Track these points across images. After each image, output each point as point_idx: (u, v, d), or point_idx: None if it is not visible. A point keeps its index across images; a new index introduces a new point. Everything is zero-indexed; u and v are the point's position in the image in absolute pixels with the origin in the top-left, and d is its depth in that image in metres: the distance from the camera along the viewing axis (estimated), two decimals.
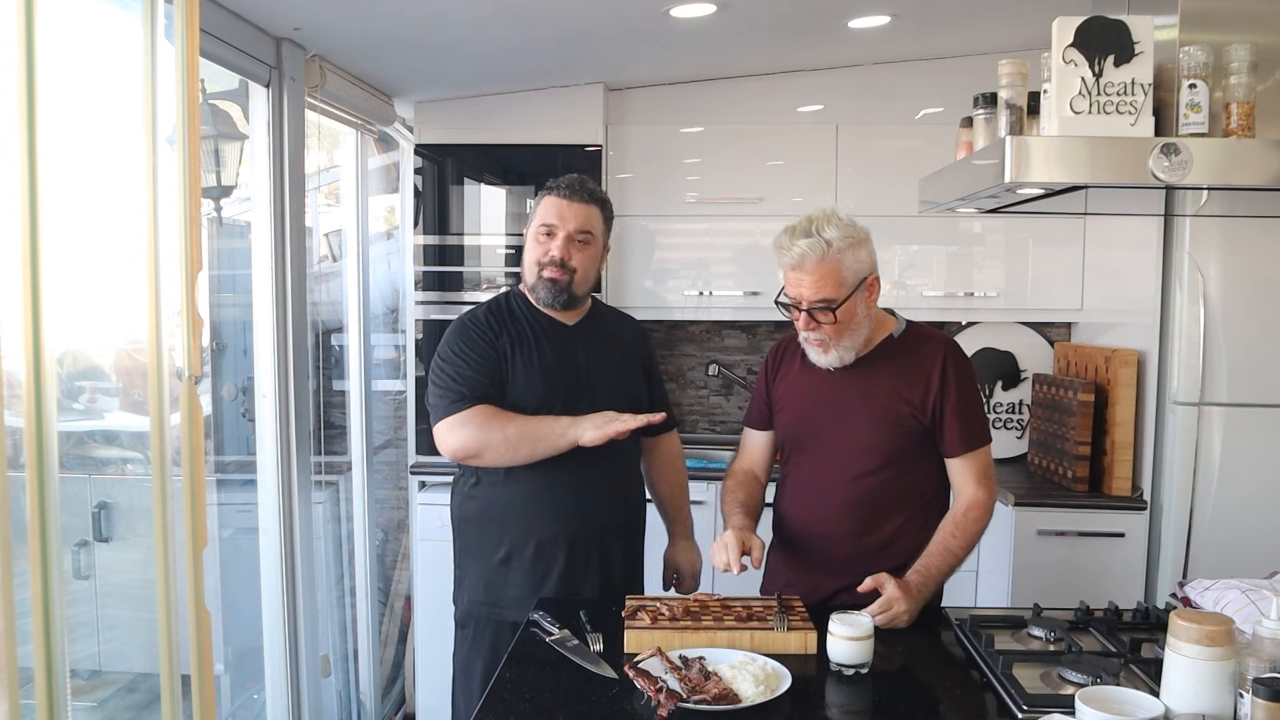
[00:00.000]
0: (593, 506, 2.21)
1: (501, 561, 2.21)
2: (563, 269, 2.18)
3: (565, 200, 2.20)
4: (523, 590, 2.19)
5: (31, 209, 1.31)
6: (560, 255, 2.17)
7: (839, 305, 1.98)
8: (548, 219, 2.20)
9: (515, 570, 2.20)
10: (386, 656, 3.83)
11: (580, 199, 2.20)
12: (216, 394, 3.12)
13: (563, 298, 2.20)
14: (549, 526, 2.18)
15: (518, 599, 2.18)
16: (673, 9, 2.70)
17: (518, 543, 2.19)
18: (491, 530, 2.22)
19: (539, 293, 2.21)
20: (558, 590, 2.18)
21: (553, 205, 2.20)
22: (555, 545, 2.19)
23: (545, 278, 2.19)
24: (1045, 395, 3.45)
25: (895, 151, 3.54)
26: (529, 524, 2.19)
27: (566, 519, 2.19)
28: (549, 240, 2.19)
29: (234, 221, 3.03)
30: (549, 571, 2.19)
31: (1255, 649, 1.42)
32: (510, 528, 2.20)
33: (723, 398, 4.08)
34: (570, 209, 2.19)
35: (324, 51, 2.82)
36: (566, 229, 2.18)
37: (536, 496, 2.18)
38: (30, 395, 1.33)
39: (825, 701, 1.66)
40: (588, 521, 2.20)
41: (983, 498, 2.04)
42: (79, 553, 2.48)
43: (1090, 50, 1.85)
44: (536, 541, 2.19)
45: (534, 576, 2.19)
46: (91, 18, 1.90)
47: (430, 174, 3.63)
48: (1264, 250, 2.88)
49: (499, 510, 2.22)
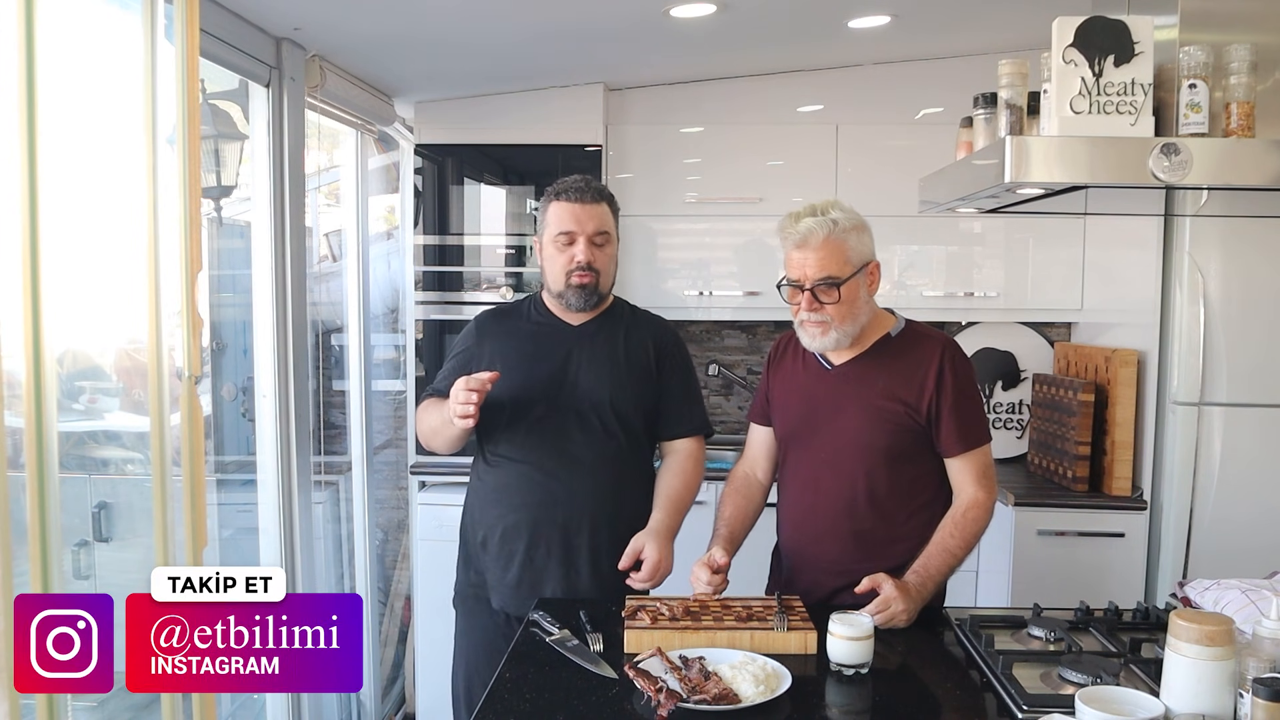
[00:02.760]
0: (562, 502, 2.22)
1: (481, 544, 2.29)
2: (589, 271, 2.22)
3: (579, 204, 2.22)
4: (494, 575, 2.26)
5: (31, 209, 1.31)
6: (586, 259, 2.21)
7: (843, 283, 1.98)
8: (565, 226, 2.21)
9: (488, 555, 2.27)
10: (386, 656, 3.83)
11: (592, 200, 2.23)
12: (216, 394, 3.12)
13: (593, 300, 2.25)
14: (512, 514, 2.24)
15: (493, 584, 2.27)
16: (673, 9, 2.70)
17: (490, 528, 2.27)
18: (474, 513, 2.32)
19: (569, 299, 2.24)
20: (520, 579, 2.23)
21: (567, 211, 2.22)
22: (517, 534, 2.23)
23: (575, 284, 2.22)
24: (1045, 395, 3.45)
25: (895, 151, 3.53)
26: (499, 511, 2.26)
27: (528, 509, 2.22)
28: (571, 247, 2.21)
29: (234, 221, 3.02)
30: (511, 559, 2.23)
31: (1255, 649, 1.42)
32: (485, 513, 2.28)
33: (723, 398, 4.08)
34: (585, 211, 2.22)
35: (324, 51, 2.82)
36: (586, 233, 2.21)
37: (507, 486, 2.25)
38: (30, 395, 1.33)
39: (825, 701, 1.66)
40: (552, 515, 2.21)
41: (982, 498, 2.04)
42: (79, 553, 2.48)
43: (1090, 50, 1.85)
44: (502, 528, 2.25)
45: (500, 562, 2.25)
46: (91, 18, 1.90)
47: (430, 174, 3.63)
48: (1264, 250, 2.88)
49: (479, 496, 2.32)
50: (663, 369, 2.32)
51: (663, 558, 2.14)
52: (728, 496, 2.25)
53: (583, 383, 2.24)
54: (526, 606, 2.14)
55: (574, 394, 2.23)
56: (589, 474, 2.23)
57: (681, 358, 2.38)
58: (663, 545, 2.17)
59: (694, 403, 2.38)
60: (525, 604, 2.16)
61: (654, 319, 2.41)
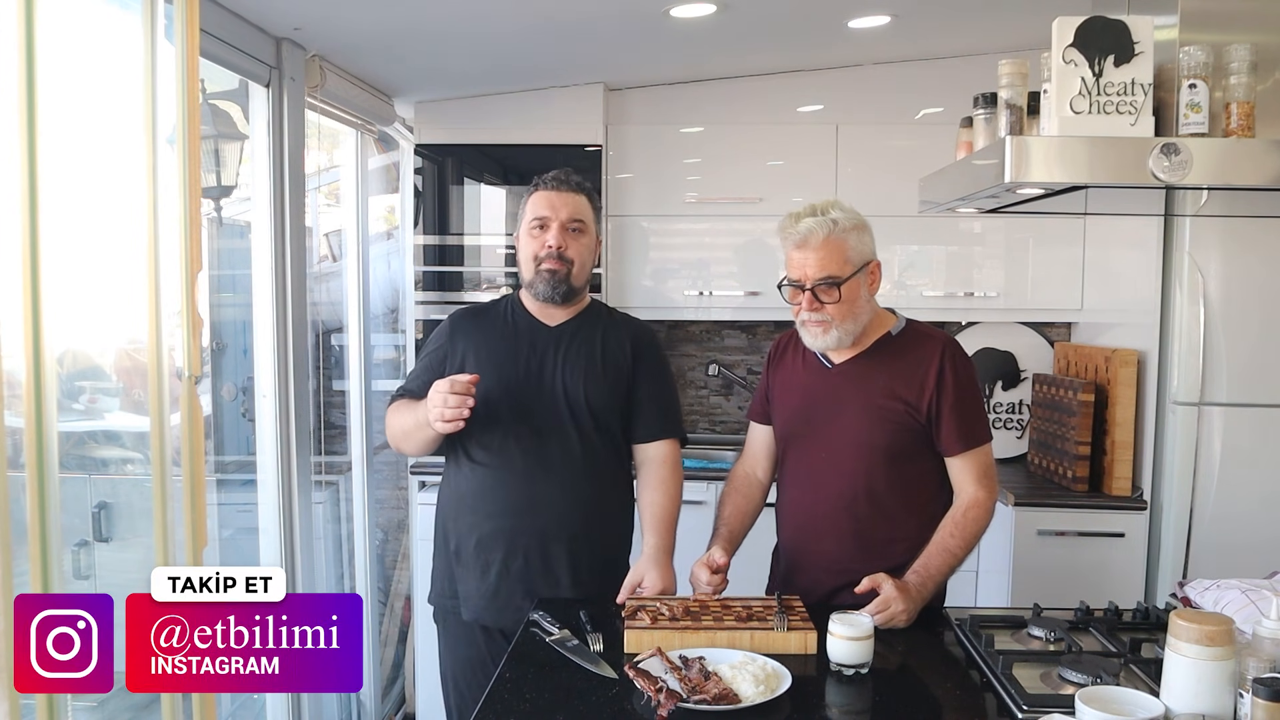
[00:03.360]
0: (540, 508, 2.14)
1: (454, 554, 2.21)
2: (560, 260, 2.16)
3: (554, 191, 2.18)
4: (469, 587, 2.18)
5: (31, 209, 1.31)
6: (557, 244, 2.15)
7: (843, 282, 1.98)
8: (539, 212, 2.18)
9: (463, 565, 2.20)
10: (386, 656, 3.82)
11: (568, 189, 2.19)
12: (216, 394, 3.12)
13: (562, 289, 2.17)
14: (487, 522, 2.16)
15: (467, 595, 2.19)
16: (673, 9, 2.70)
17: (464, 536, 2.19)
18: (446, 522, 2.24)
19: (538, 287, 2.18)
20: (497, 589, 2.15)
21: (542, 198, 2.19)
22: (494, 542, 2.15)
23: (544, 270, 2.16)
24: (1045, 395, 3.45)
25: (895, 151, 3.53)
26: (473, 519, 2.18)
27: (504, 517, 2.15)
28: (544, 233, 2.17)
29: (234, 221, 3.02)
30: (488, 569, 2.16)
31: (1255, 649, 1.42)
32: (459, 520, 2.21)
33: (723, 398, 4.08)
34: (560, 198, 2.18)
35: (324, 51, 2.82)
36: (559, 218, 2.17)
37: (482, 492, 2.17)
38: (30, 395, 1.33)
39: (825, 701, 1.66)
40: (529, 523, 2.14)
41: (982, 498, 2.04)
42: (79, 553, 2.48)
43: (1090, 50, 1.85)
44: (478, 537, 2.17)
45: (475, 572, 2.18)
46: (91, 18, 1.90)
47: (430, 174, 3.63)
48: (1264, 250, 2.88)
49: (452, 501, 2.23)
50: (638, 370, 2.24)
51: (667, 585, 2.10)
52: (728, 496, 2.25)
53: (561, 384, 2.17)
54: (504, 617, 2.12)
55: (552, 396, 2.16)
56: (567, 479, 2.16)
57: (659, 360, 2.30)
58: (663, 571, 2.11)
59: (669, 406, 2.30)
60: (502, 614, 2.12)
61: (632, 320, 2.34)
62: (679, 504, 2.23)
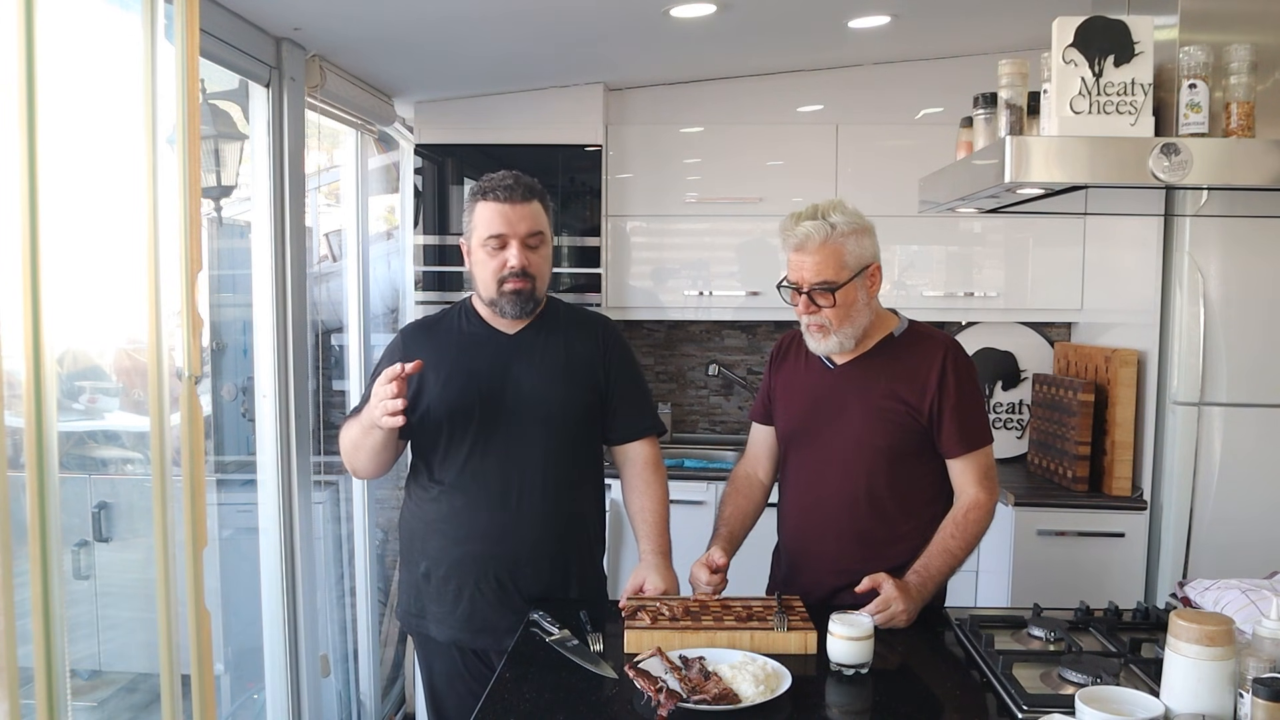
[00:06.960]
0: (512, 532, 2.06)
1: (424, 576, 2.13)
2: (524, 278, 2.04)
3: (509, 204, 2.03)
4: (440, 609, 2.11)
5: (31, 209, 1.31)
6: (521, 264, 2.03)
7: (839, 288, 1.98)
8: (495, 228, 2.03)
9: (433, 589, 2.11)
10: (386, 656, 3.82)
11: (522, 198, 2.04)
12: (216, 394, 3.12)
13: (529, 306, 2.07)
14: (456, 548, 2.08)
15: (439, 617, 2.11)
16: (673, 9, 2.70)
17: (434, 561, 2.11)
18: (413, 543, 2.16)
19: (504, 308, 2.06)
20: (471, 613, 2.08)
21: (495, 213, 2.03)
22: (463, 569, 2.07)
23: (509, 291, 2.04)
24: (1045, 395, 3.45)
25: (895, 151, 3.54)
26: (442, 544, 2.09)
27: (473, 542, 2.07)
28: (503, 252, 2.03)
29: (234, 221, 3.02)
30: (460, 595, 2.08)
31: (1255, 649, 1.42)
32: (427, 543, 2.12)
33: (723, 398, 4.08)
34: (514, 211, 2.03)
35: (324, 51, 2.82)
36: (518, 235, 2.03)
37: (450, 516, 2.08)
38: (30, 395, 1.33)
39: (825, 701, 1.66)
40: (500, 549, 2.06)
41: (983, 499, 2.04)
42: (79, 553, 2.48)
43: (1090, 50, 1.85)
44: (447, 564, 2.09)
45: (447, 597, 2.10)
46: (91, 18, 1.90)
47: (430, 174, 3.63)
48: (1264, 250, 2.88)
49: (419, 526, 2.14)
50: (610, 371, 2.16)
51: (669, 586, 2.07)
52: (728, 496, 2.25)
53: (527, 398, 2.06)
54: (479, 639, 2.08)
55: (519, 411, 2.05)
56: (539, 499, 2.07)
57: (627, 356, 2.23)
58: (664, 573, 2.08)
59: (644, 402, 2.23)
60: (477, 636, 2.08)
61: (593, 316, 2.24)
62: (668, 504, 2.19)
